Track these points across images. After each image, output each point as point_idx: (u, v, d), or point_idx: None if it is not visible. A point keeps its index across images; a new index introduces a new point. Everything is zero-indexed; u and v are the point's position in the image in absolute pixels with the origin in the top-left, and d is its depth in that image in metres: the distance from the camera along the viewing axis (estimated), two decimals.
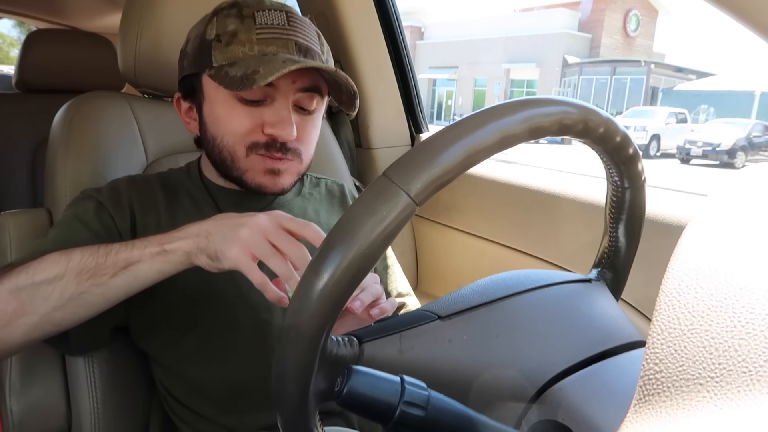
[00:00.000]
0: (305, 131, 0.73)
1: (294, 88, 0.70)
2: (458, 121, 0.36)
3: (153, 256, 0.61)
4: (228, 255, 0.58)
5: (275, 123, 0.70)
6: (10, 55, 14.06)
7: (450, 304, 0.44)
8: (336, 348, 0.39)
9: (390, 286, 0.91)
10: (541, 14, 23.32)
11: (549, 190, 1.07)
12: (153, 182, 0.79)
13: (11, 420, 0.74)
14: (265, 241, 0.57)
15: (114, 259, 0.61)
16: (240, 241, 0.57)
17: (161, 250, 0.61)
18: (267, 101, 0.71)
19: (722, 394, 0.21)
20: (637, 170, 0.47)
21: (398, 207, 0.34)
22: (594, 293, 0.50)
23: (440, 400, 0.37)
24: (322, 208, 0.87)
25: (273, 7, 0.71)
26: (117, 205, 0.74)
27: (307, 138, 0.74)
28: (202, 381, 0.74)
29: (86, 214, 0.72)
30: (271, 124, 0.70)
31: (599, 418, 0.37)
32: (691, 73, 20.91)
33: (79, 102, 0.89)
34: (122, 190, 0.76)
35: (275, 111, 0.70)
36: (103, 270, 0.60)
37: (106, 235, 0.71)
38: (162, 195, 0.78)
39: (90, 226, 0.71)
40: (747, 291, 0.23)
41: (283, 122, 0.69)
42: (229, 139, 0.72)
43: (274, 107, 0.70)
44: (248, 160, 0.72)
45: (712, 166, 12.04)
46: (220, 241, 0.59)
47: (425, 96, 23.87)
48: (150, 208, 0.76)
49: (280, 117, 0.70)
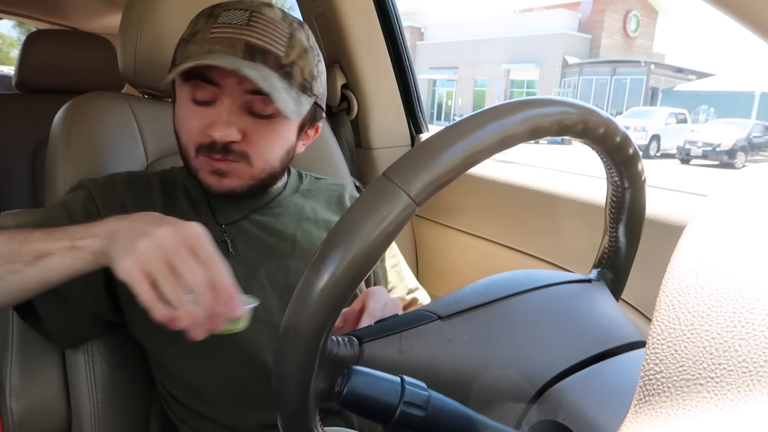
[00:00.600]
0: (256, 135, 0.71)
1: (240, 89, 0.69)
2: (458, 122, 0.36)
3: (66, 250, 0.58)
4: (119, 265, 0.54)
5: (212, 124, 0.69)
6: (10, 56, 14.07)
7: (450, 304, 0.44)
8: (336, 348, 0.39)
9: (399, 285, 0.92)
10: (541, 15, 23.34)
11: (549, 190, 1.07)
12: (152, 181, 0.80)
13: (11, 420, 0.74)
14: (160, 259, 0.53)
15: (29, 248, 0.58)
16: (135, 253, 0.53)
17: (72, 246, 0.57)
18: (216, 102, 0.70)
19: (722, 394, 0.21)
20: (637, 170, 0.47)
21: (398, 207, 0.34)
22: (594, 293, 0.50)
23: (440, 401, 0.37)
24: (319, 206, 0.87)
25: (242, 7, 0.70)
26: (107, 198, 0.74)
27: (259, 142, 0.72)
28: (201, 380, 0.73)
29: (74, 203, 0.74)
30: (210, 124, 0.69)
31: (599, 418, 0.37)
32: (691, 74, 20.91)
33: (79, 102, 0.89)
34: (118, 185, 0.77)
35: (216, 112, 0.69)
36: (18, 257, 0.58)
37: None
38: (160, 194, 0.78)
39: (72, 215, 0.72)
40: (747, 291, 0.23)
41: (219, 123, 0.68)
42: (184, 139, 0.73)
43: (216, 108, 0.70)
44: (197, 160, 0.73)
45: (712, 166, 12.03)
46: (119, 247, 0.55)
47: (425, 96, 23.88)
48: (145, 206, 0.76)
49: (218, 118, 0.69)
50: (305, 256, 0.78)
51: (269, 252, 0.78)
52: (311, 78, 0.73)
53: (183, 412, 0.77)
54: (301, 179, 0.90)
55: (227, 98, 0.69)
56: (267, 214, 0.81)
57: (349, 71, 1.38)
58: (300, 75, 0.71)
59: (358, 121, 1.42)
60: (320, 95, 0.77)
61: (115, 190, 0.76)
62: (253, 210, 0.80)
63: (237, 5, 0.71)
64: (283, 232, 0.80)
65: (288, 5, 8.88)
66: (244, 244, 0.77)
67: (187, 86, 0.71)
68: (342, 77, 1.39)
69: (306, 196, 0.87)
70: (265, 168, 0.75)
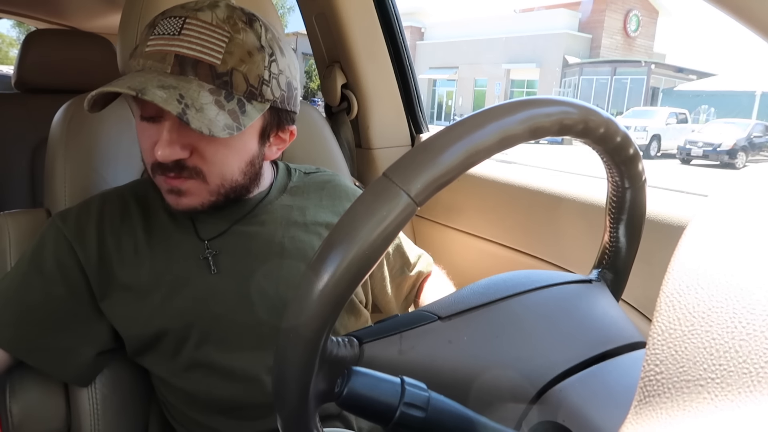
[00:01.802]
0: (207, 150, 0.67)
1: None
2: (458, 122, 0.36)
3: None
4: None
5: (156, 143, 0.65)
6: (10, 55, 14.07)
7: (450, 304, 0.44)
8: (336, 349, 0.39)
9: (403, 265, 0.94)
10: (541, 14, 23.32)
11: (549, 191, 1.07)
12: (129, 198, 0.77)
13: (11, 421, 0.74)
14: None
15: None
16: None
17: None
18: (160, 119, 0.66)
19: (723, 395, 0.21)
20: (637, 170, 0.47)
21: (398, 207, 0.34)
22: (594, 294, 0.50)
23: (440, 402, 0.37)
24: (309, 204, 0.82)
25: (178, 14, 0.64)
26: (80, 233, 0.72)
27: (211, 158, 0.67)
28: (198, 393, 0.73)
29: (44, 251, 0.72)
30: (155, 143, 0.65)
31: (600, 419, 0.37)
32: (691, 74, 20.91)
33: (78, 102, 0.89)
34: (92, 214, 0.74)
35: (158, 130, 0.66)
36: None
37: (59, 276, 0.71)
38: (139, 213, 0.75)
39: (43, 270, 0.71)
40: (747, 292, 0.23)
41: (161, 142, 0.64)
42: (143, 157, 0.71)
43: (159, 126, 0.66)
44: (157, 179, 0.70)
45: (713, 166, 12.03)
46: None
47: (425, 96, 23.88)
48: (125, 230, 0.74)
49: (158, 137, 0.65)
50: (295, 265, 0.75)
51: (256, 265, 0.74)
52: (261, 83, 0.66)
53: (182, 417, 0.77)
54: (290, 175, 0.85)
55: (168, 115, 0.65)
56: (252, 223, 0.76)
57: (349, 71, 1.38)
58: (243, 82, 0.64)
59: (358, 121, 1.42)
60: (281, 97, 0.70)
61: (90, 220, 0.73)
62: (237, 220, 0.76)
63: (174, 12, 0.65)
64: (270, 241, 0.75)
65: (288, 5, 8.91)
66: (229, 259, 0.74)
67: (135, 105, 0.68)
68: (342, 77, 1.39)
69: (295, 194, 0.82)
70: (223, 183, 0.70)
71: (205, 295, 0.71)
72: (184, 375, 0.73)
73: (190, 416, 0.75)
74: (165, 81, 0.61)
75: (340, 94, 1.39)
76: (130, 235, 0.73)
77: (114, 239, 0.73)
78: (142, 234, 0.74)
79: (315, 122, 1.12)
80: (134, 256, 0.72)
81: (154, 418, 0.84)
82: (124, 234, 0.73)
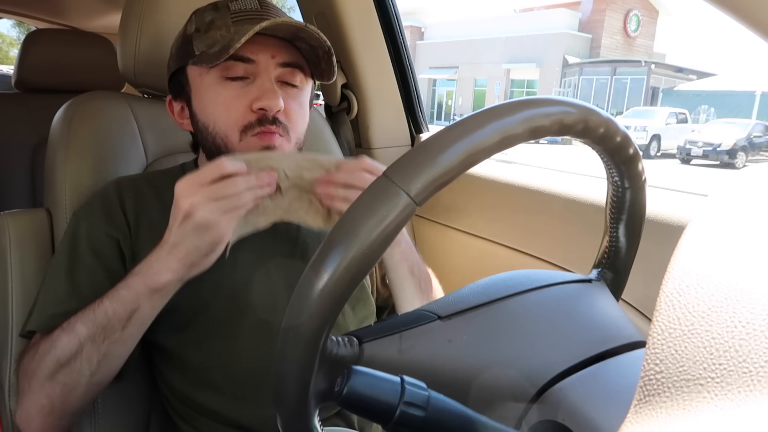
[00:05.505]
0: (291, 106, 0.73)
1: (274, 62, 0.71)
2: (458, 122, 0.36)
3: (148, 298, 0.64)
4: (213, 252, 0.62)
5: (261, 95, 0.70)
6: (10, 55, 14.07)
7: (450, 304, 0.44)
8: (336, 348, 0.39)
9: None
10: (541, 14, 23.32)
11: (549, 190, 1.07)
12: (140, 183, 0.79)
13: (11, 420, 0.74)
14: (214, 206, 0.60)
15: (114, 316, 0.64)
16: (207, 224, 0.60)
17: (151, 290, 0.64)
18: (250, 78, 0.71)
19: (723, 394, 0.21)
20: (637, 170, 0.47)
21: (398, 207, 0.34)
22: (594, 293, 0.50)
23: (440, 401, 0.37)
24: None
25: None
26: (110, 218, 0.74)
27: (293, 114, 0.74)
28: (204, 367, 0.74)
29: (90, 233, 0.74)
30: (258, 97, 0.70)
31: (600, 418, 0.37)
32: (691, 74, 20.90)
33: (78, 102, 0.89)
34: (112, 200, 0.76)
35: (259, 85, 0.71)
36: (112, 328, 0.64)
37: (113, 258, 0.73)
38: (151, 195, 0.78)
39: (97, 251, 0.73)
40: (747, 291, 0.23)
41: (269, 93, 0.70)
42: (221, 125, 0.72)
43: (257, 83, 0.71)
44: (242, 144, 0.72)
45: (713, 166, 12.03)
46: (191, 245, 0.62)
47: (425, 96, 23.88)
48: (141, 211, 0.76)
49: (265, 89, 0.70)
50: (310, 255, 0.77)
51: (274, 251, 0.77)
52: None
53: (183, 409, 0.77)
54: None
55: (264, 72, 0.71)
56: None
57: (349, 71, 1.38)
58: None
59: (358, 121, 1.42)
60: None
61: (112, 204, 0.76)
62: None
63: None
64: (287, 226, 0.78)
65: (289, 5, 8.78)
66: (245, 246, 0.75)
67: (215, 70, 0.71)
68: (342, 77, 1.39)
69: None
70: (297, 142, 0.76)
71: (219, 278, 0.72)
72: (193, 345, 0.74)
73: (193, 403, 0.75)
74: None
75: (340, 93, 1.39)
76: (146, 217, 0.76)
77: (134, 220, 0.76)
78: (157, 214, 0.75)
79: (315, 122, 1.12)
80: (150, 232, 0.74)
81: (156, 414, 0.84)
82: (141, 215, 0.76)
